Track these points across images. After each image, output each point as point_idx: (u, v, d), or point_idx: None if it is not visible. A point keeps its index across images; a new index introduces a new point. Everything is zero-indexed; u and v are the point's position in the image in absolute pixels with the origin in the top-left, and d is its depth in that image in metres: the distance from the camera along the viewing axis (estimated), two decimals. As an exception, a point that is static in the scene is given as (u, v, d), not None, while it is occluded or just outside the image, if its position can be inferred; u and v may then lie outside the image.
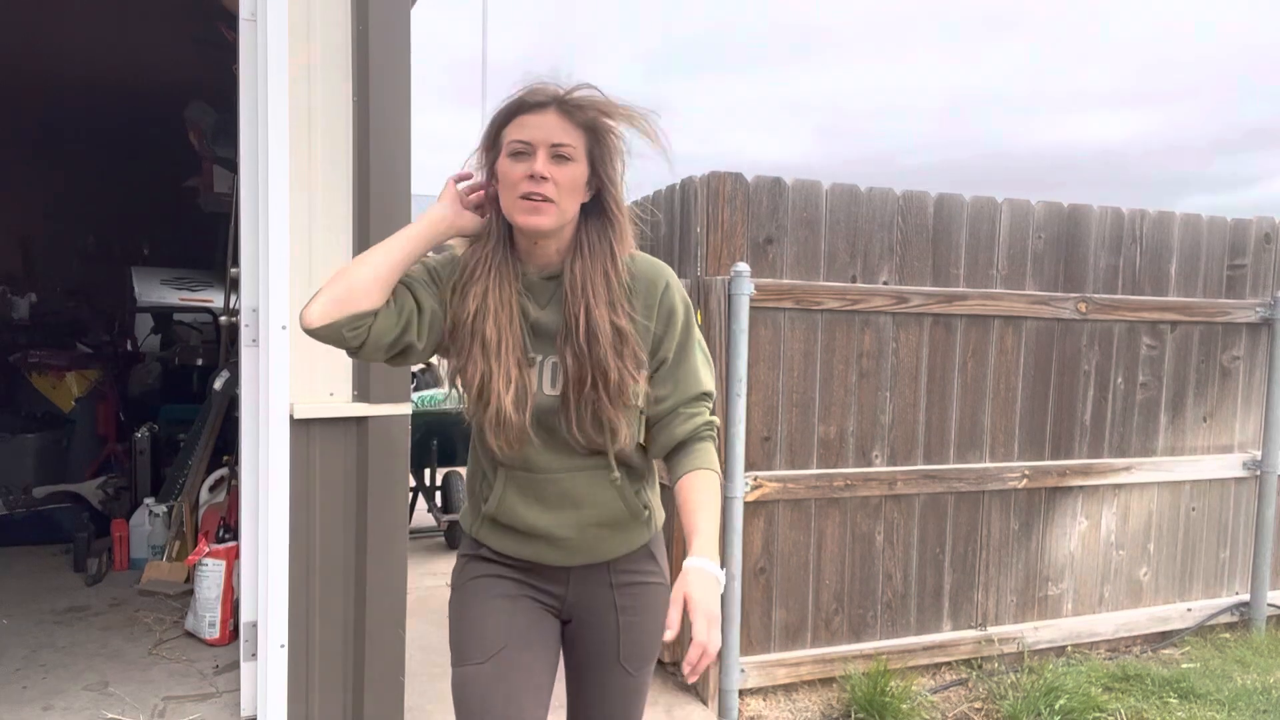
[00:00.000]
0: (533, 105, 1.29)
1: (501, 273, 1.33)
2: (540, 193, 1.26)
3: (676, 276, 1.42)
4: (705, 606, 1.17)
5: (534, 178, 1.25)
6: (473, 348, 1.31)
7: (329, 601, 2.44)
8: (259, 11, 2.32)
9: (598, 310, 1.30)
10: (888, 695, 2.87)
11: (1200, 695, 3.02)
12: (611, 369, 1.29)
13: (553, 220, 1.28)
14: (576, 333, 1.30)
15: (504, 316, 1.31)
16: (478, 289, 1.32)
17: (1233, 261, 3.66)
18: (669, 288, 1.39)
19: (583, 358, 1.30)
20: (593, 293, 1.31)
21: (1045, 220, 3.34)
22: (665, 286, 1.38)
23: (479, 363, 1.30)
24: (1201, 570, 3.73)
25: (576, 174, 1.29)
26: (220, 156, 4.21)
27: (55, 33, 4.49)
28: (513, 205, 1.29)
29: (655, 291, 1.37)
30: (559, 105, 1.28)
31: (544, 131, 1.27)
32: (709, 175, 2.89)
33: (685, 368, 1.40)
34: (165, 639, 3.24)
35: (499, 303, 1.31)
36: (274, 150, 2.28)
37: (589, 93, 1.30)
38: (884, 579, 3.20)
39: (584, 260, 1.33)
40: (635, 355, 1.32)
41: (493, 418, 1.30)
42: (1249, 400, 3.74)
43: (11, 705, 2.68)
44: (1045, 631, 3.41)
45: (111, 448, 5.09)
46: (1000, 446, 3.33)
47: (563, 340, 1.32)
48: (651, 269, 1.40)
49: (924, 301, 3.13)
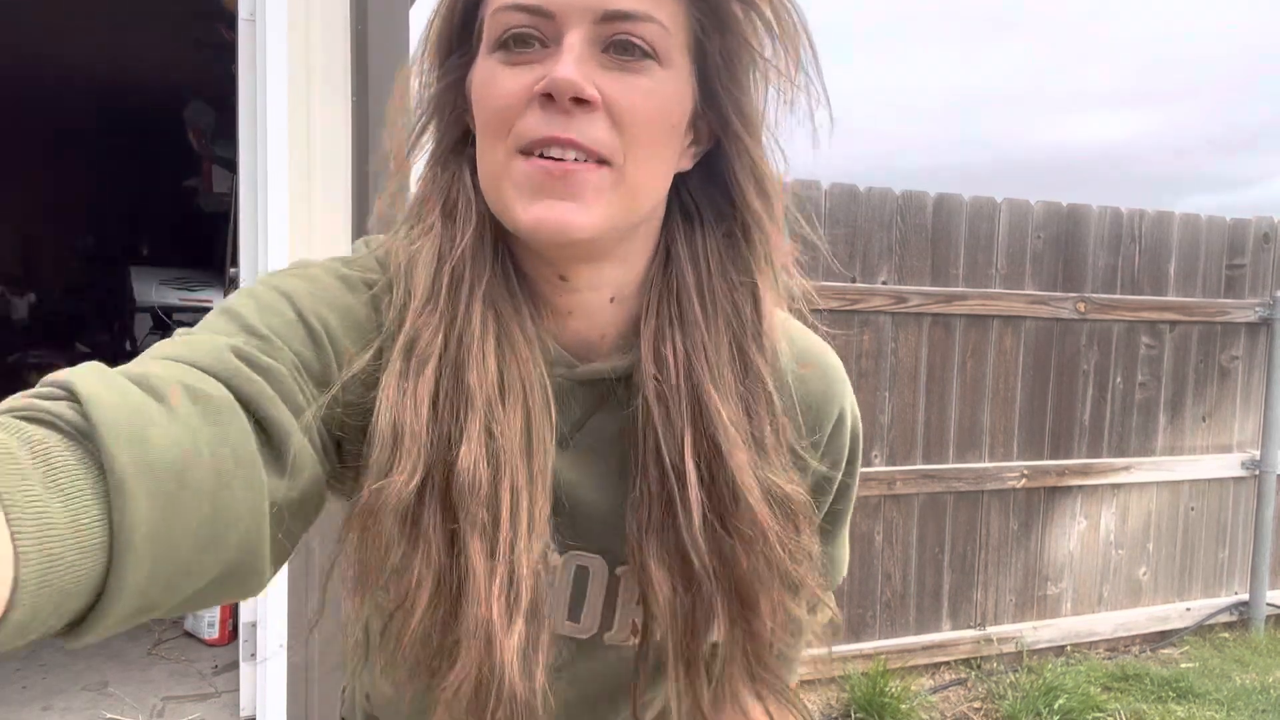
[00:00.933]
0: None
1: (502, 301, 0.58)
2: (571, 139, 0.52)
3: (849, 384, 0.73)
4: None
5: (555, 99, 0.52)
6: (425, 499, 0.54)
7: (328, 599, 2.43)
8: (258, 12, 2.32)
9: (741, 458, 0.57)
10: (887, 695, 2.87)
11: (1199, 695, 3.02)
12: (765, 597, 0.59)
13: (606, 212, 0.54)
14: (684, 506, 0.57)
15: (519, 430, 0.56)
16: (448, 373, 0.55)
17: (1231, 261, 3.66)
18: (844, 417, 0.69)
19: (703, 574, 0.57)
20: (720, 410, 0.57)
21: (1044, 220, 3.34)
22: (840, 411, 0.69)
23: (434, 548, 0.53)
24: (1200, 570, 3.73)
25: (668, 92, 0.55)
26: (219, 156, 4.21)
27: (55, 33, 4.49)
28: (504, 176, 0.55)
29: (825, 418, 0.67)
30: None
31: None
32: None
33: (834, 556, 0.78)
34: (164, 639, 3.24)
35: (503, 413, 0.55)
36: (273, 150, 2.28)
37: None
38: (883, 579, 3.20)
39: (689, 327, 0.59)
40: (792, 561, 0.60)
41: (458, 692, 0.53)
42: (1248, 400, 3.74)
43: (11, 705, 2.68)
44: (1044, 631, 3.41)
45: (111, 448, 5.08)
46: (999, 446, 3.33)
47: (643, 528, 0.58)
48: (812, 362, 0.68)
49: (923, 301, 3.13)
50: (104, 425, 0.39)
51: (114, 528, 0.39)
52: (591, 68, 0.52)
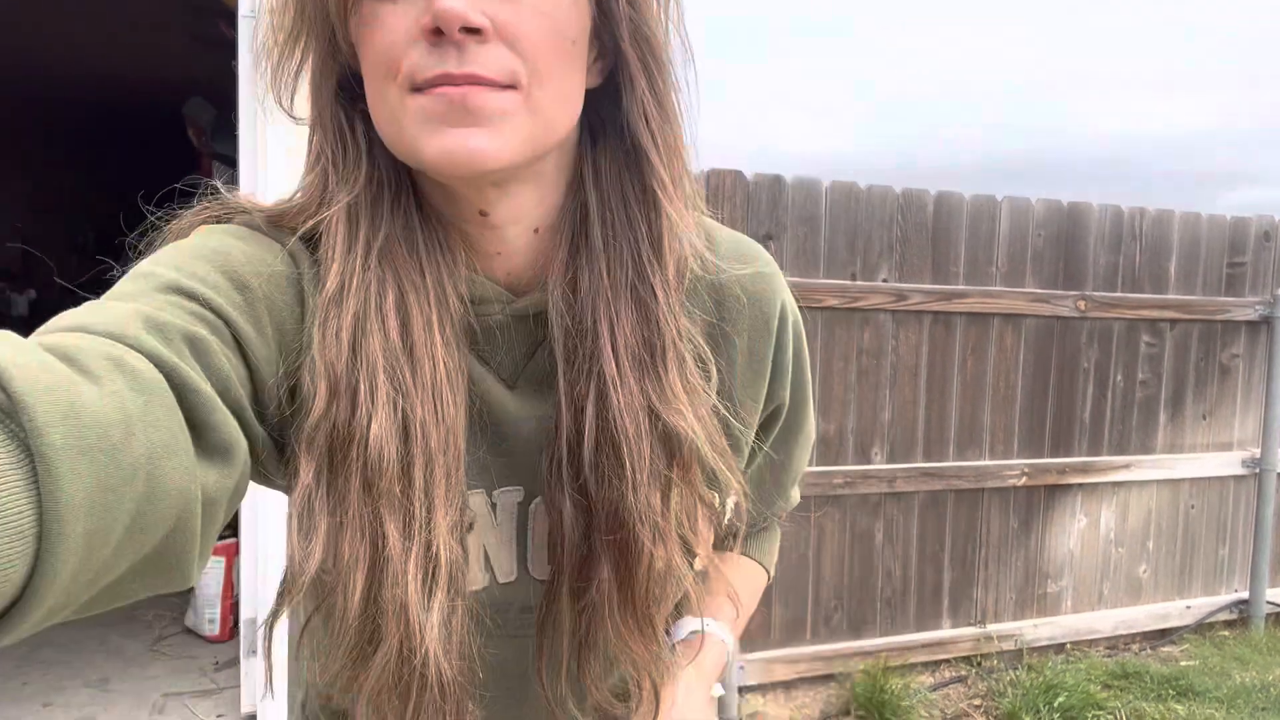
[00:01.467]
0: None
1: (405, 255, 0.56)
2: (471, 74, 0.49)
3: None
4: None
5: (444, 31, 0.48)
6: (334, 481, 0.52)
7: (329, 598, 2.44)
8: (259, 8, 2.32)
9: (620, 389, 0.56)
10: (887, 692, 2.87)
11: (1199, 693, 3.03)
12: (641, 534, 0.56)
13: (516, 136, 0.51)
14: (580, 453, 0.56)
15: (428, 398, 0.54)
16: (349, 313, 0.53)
17: (1232, 259, 3.66)
18: (785, 309, 0.68)
19: (594, 515, 0.57)
20: (611, 340, 0.56)
21: (1045, 218, 3.34)
22: (781, 308, 0.67)
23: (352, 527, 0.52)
24: (1200, 568, 3.73)
25: (560, 9, 0.52)
26: (220, 153, 4.20)
27: (54, 29, 4.48)
28: (401, 114, 0.51)
29: (767, 322, 0.66)
30: None
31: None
32: (709, 172, 2.89)
33: (787, 457, 0.76)
34: (165, 635, 3.24)
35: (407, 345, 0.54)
36: (273, 147, 2.28)
37: None
38: (883, 576, 3.20)
39: (593, 258, 0.58)
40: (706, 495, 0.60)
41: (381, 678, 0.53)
42: (1248, 398, 3.74)
43: (12, 702, 2.69)
44: (1044, 629, 3.41)
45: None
46: (1000, 444, 3.33)
47: (553, 461, 0.58)
48: (747, 261, 0.66)
49: (924, 299, 3.12)
50: (29, 399, 0.35)
51: (44, 516, 0.34)
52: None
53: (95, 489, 0.36)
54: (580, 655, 0.58)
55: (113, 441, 0.37)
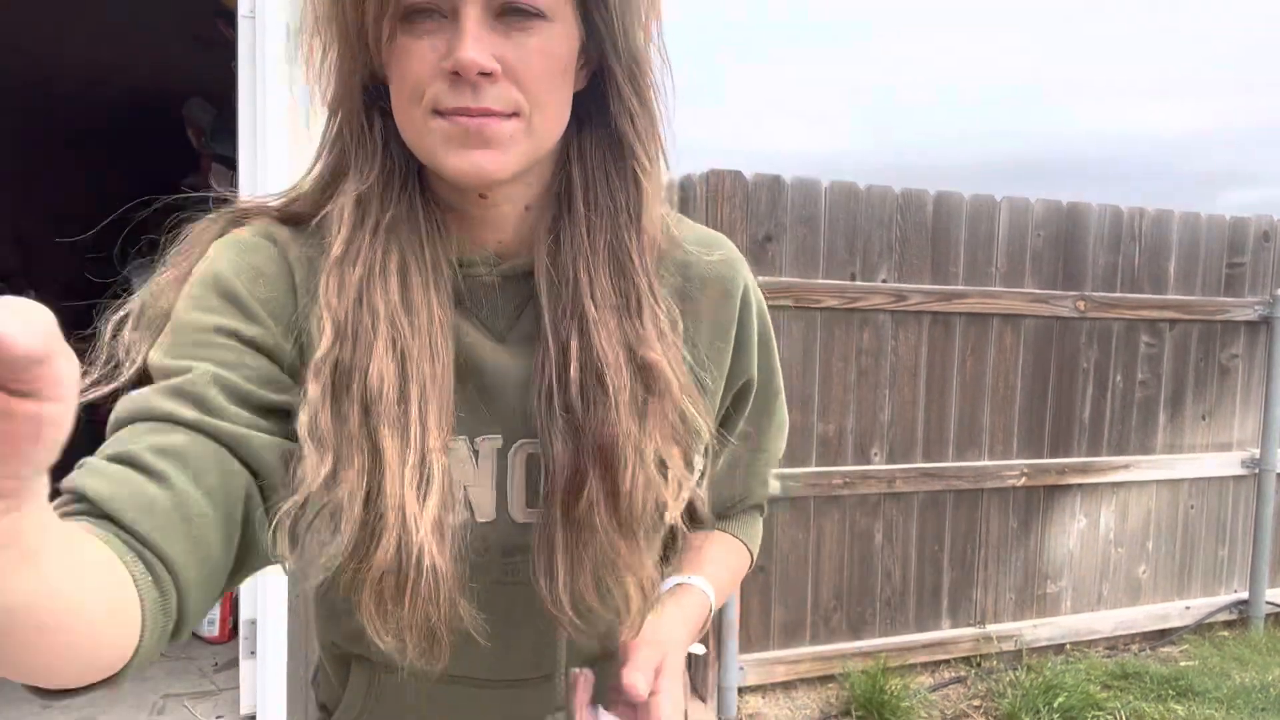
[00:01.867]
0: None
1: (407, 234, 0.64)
2: (485, 109, 0.59)
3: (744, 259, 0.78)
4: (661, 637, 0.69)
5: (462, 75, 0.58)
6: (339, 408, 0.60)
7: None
8: (258, 8, 2.32)
9: (601, 328, 0.63)
10: (887, 693, 2.87)
11: (1199, 693, 3.03)
12: (625, 453, 0.62)
13: (519, 154, 0.61)
14: (566, 383, 0.63)
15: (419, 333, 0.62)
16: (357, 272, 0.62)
17: (1231, 260, 3.66)
18: (748, 290, 0.75)
19: (582, 436, 0.63)
20: (590, 289, 0.64)
21: (1044, 218, 3.34)
22: (744, 288, 0.75)
23: (354, 444, 0.59)
24: (1200, 568, 3.73)
25: (557, 44, 0.61)
26: (219, 154, 4.21)
27: (53, 29, 4.48)
28: (426, 133, 0.60)
29: (730, 296, 0.73)
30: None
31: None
32: (708, 173, 2.89)
33: (762, 438, 0.83)
34: (164, 637, 3.24)
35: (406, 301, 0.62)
36: (272, 148, 2.28)
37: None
38: (883, 577, 3.20)
39: (576, 222, 0.66)
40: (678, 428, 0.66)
41: (383, 574, 0.57)
42: (1248, 398, 3.74)
43: (10, 703, 2.68)
44: (1044, 629, 3.41)
45: (110, 446, 5.08)
46: (999, 445, 3.33)
47: (545, 398, 0.64)
48: (713, 248, 0.74)
49: (923, 300, 3.13)
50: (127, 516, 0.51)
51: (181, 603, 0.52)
52: (488, 36, 0.58)
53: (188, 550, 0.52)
54: (573, 568, 0.63)
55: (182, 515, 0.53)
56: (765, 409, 0.81)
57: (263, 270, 0.64)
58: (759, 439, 0.82)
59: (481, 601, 0.63)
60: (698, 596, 0.76)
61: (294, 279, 0.65)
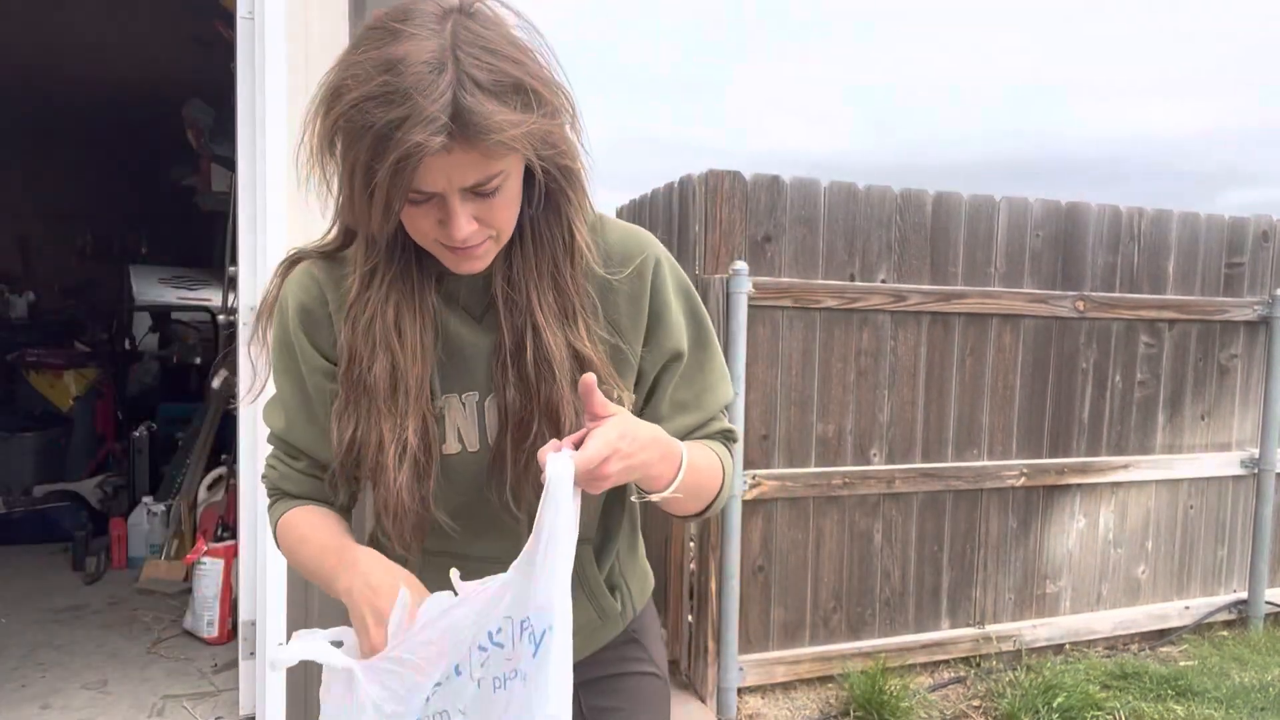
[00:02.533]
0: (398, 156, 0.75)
1: (402, 286, 0.91)
2: (469, 247, 0.85)
3: (666, 250, 1.02)
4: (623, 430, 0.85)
5: (456, 239, 0.84)
6: (354, 399, 0.91)
7: (327, 600, 2.43)
8: (257, 9, 2.32)
9: (548, 331, 0.91)
10: (886, 693, 2.87)
11: (1198, 693, 3.03)
12: (565, 414, 0.91)
13: (494, 253, 0.90)
14: (522, 357, 0.91)
15: (405, 352, 0.90)
16: (368, 314, 0.91)
17: (1230, 260, 3.66)
18: (660, 270, 0.99)
19: (532, 394, 0.91)
20: (538, 303, 0.91)
21: (1043, 218, 3.34)
22: (655, 269, 0.98)
23: (364, 422, 0.91)
24: (1199, 568, 3.73)
25: (512, 190, 0.85)
26: (218, 155, 4.20)
27: (53, 30, 4.48)
28: (428, 246, 0.88)
29: (641, 280, 0.97)
30: (449, 142, 0.76)
31: (448, 176, 0.79)
32: (707, 173, 2.89)
33: (703, 382, 1.03)
34: (164, 637, 3.24)
35: (398, 331, 0.90)
36: (271, 148, 2.28)
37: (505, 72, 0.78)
38: (882, 577, 3.20)
39: (524, 255, 0.92)
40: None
41: (382, 502, 0.91)
42: (1247, 398, 3.74)
43: (10, 704, 2.68)
44: (1043, 630, 3.41)
45: (110, 446, 5.08)
46: (998, 445, 3.33)
47: (501, 369, 0.93)
48: (630, 245, 0.98)
49: (922, 300, 3.13)
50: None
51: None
52: (469, 209, 0.83)
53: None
54: (518, 479, 0.93)
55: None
56: (699, 362, 1.03)
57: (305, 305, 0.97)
58: (700, 382, 1.03)
59: (468, 505, 0.97)
60: (674, 443, 0.94)
61: (329, 308, 0.97)
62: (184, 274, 5.76)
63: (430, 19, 0.78)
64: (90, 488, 4.64)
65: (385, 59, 0.76)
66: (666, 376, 1.01)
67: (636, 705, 1.09)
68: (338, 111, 0.78)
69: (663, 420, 0.99)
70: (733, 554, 2.86)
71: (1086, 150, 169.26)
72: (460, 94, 0.75)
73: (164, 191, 5.44)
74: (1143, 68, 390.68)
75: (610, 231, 0.99)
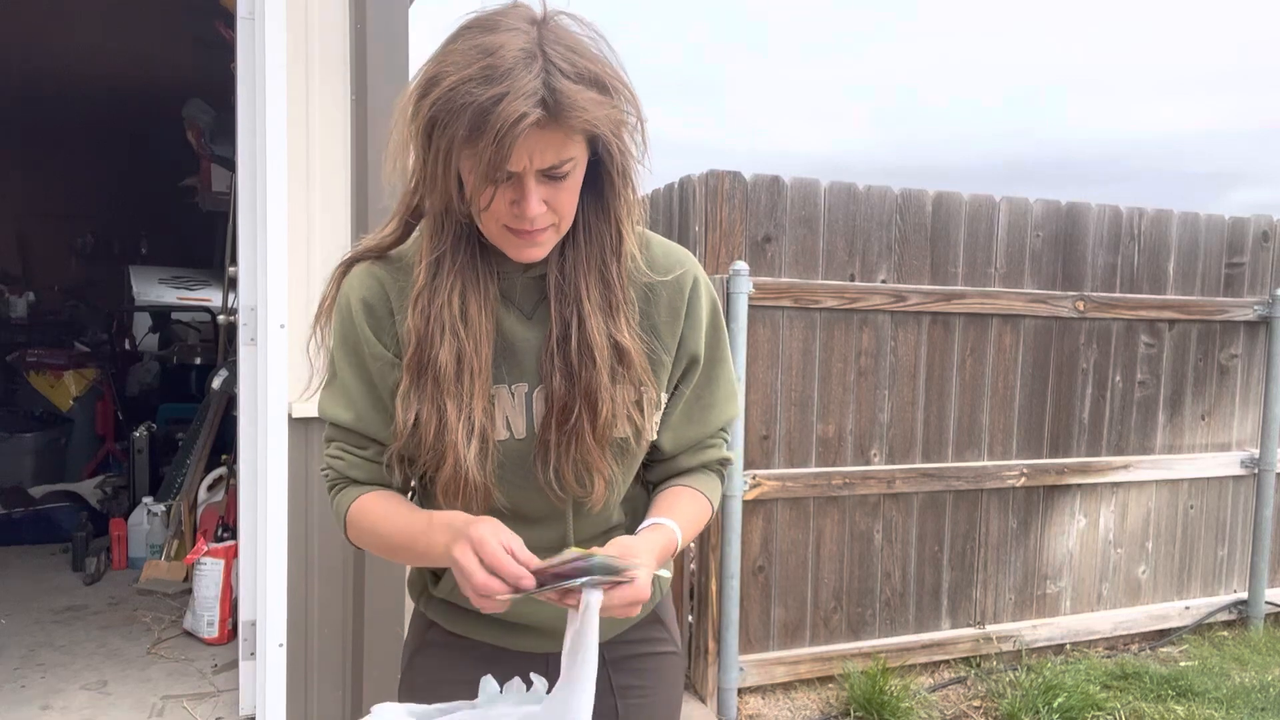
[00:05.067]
0: (499, 127, 0.83)
1: (468, 274, 0.98)
2: (534, 230, 0.92)
3: (703, 270, 1.11)
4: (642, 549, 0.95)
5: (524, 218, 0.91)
6: (420, 382, 0.97)
7: (328, 600, 2.44)
8: (257, 10, 2.32)
9: (593, 320, 0.98)
10: (886, 693, 2.87)
11: (1198, 693, 3.03)
12: (603, 400, 0.97)
13: (553, 243, 0.97)
14: (567, 346, 0.98)
15: (470, 336, 0.97)
16: (436, 301, 0.97)
17: (1230, 260, 3.66)
18: (698, 286, 1.08)
19: (574, 380, 0.98)
20: (586, 294, 0.98)
21: (1043, 218, 3.34)
22: (694, 284, 1.07)
23: (429, 403, 0.96)
24: (1199, 568, 3.73)
25: (577, 178, 0.93)
26: (218, 155, 4.20)
27: (53, 31, 4.48)
28: (494, 233, 0.95)
29: (680, 292, 1.06)
30: (544, 116, 0.85)
31: (528, 155, 0.86)
32: (707, 174, 2.89)
33: (711, 398, 1.11)
34: (164, 638, 3.24)
35: (464, 316, 0.97)
36: (272, 149, 2.28)
37: (586, 67, 0.87)
38: (882, 577, 3.20)
39: (576, 249, 0.99)
40: (637, 384, 1.01)
41: (448, 480, 0.97)
42: (1247, 398, 3.74)
43: (10, 705, 2.68)
44: (1043, 630, 3.41)
45: (110, 447, 5.09)
46: (998, 445, 3.33)
47: (549, 358, 0.99)
48: (672, 259, 1.07)
49: (922, 300, 3.13)
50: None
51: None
52: (540, 189, 0.90)
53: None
54: (560, 461, 1.00)
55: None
56: (713, 378, 1.11)
57: (366, 300, 1.03)
58: (708, 396, 1.11)
59: (517, 488, 1.02)
60: (666, 533, 1.01)
61: (391, 305, 1.02)
62: (184, 274, 5.77)
63: (519, 21, 0.88)
64: (90, 488, 4.64)
65: (483, 46, 0.85)
66: (683, 384, 1.09)
67: (660, 683, 1.17)
68: (435, 95, 0.86)
69: (669, 429, 1.09)
70: (733, 554, 2.86)
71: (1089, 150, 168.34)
72: (550, 78, 0.85)
73: (164, 191, 5.44)
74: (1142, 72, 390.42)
75: (655, 245, 1.08)
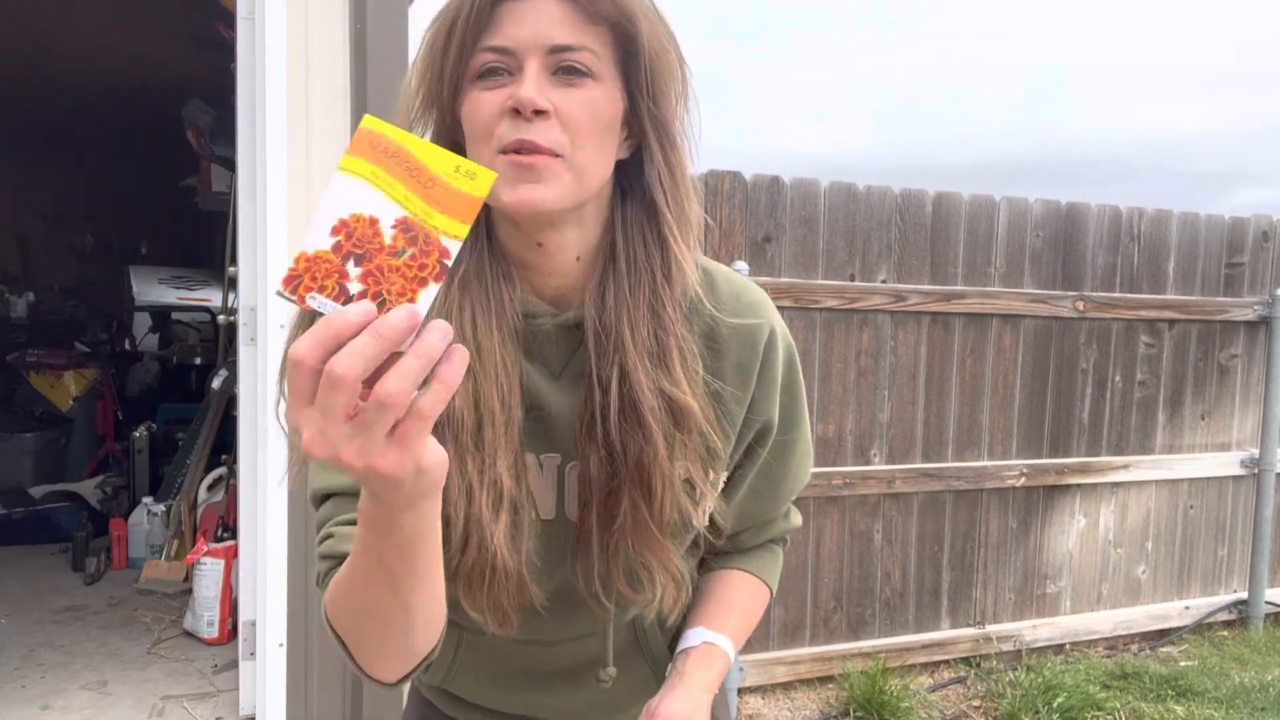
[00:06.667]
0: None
1: (476, 284, 0.76)
2: (534, 141, 0.69)
3: (779, 316, 0.88)
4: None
5: (520, 111, 0.69)
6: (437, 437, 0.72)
7: (327, 600, 2.44)
8: (257, 10, 2.32)
9: (639, 372, 0.75)
10: (886, 694, 2.87)
11: (1198, 693, 3.03)
12: (657, 477, 0.75)
13: (562, 189, 0.71)
14: (606, 412, 0.75)
15: (487, 369, 0.75)
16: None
17: (1230, 260, 3.66)
18: (774, 341, 0.84)
19: (616, 455, 0.76)
20: (631, 340, 0.75)
21: (1043, 218, 3.34)
22: (769, 335, 0.84)
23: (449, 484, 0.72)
24: (1199, 568, 3.73)
25: (600, 101, 0.72)
26: (218, 155, 4.20)
27: (53, 31, 4.48)
28: (488, 163, 0.71)
29: (753, 347, 0.83)
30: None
31: (534, 26, 0.70)
32: (707, 174, 2.89)
33: (784, 467, 0.90)
34: (164, 638, 3.24)
35: (476, 345, 0.74)
36: (272, 149, 2.28)
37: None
38: (882, 577, 3.20)
39: (619, 280, 0.77)
40: (702, 454, 0.79)
41: (471, 567, 0.74)
42: (1247, 398, 3.74)
43: (10, 705, 2.68)
44: (1043, 630, 3.41)
45: (110, 447, 5.08)
46: (998, 445, 3.33)
47: (585, 427, 0.77)
48: (743, 301, 0.84)
49: (922, 300, 3.13)
50: None
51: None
52: (546, 87, 0.70)
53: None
54: (607, 562, 0.78)
55: None
56: (789, 444, 0.90)
57: None
58: (782, 469, 0.91)
59: (547, 582, 0.79)
60: (720, 660, 0.87)
61: None
62: (184, 274, 5.77)
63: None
64: (90, 488, 4.64)
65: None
66: (748, 459, 0.88)
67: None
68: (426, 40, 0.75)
69: (734, 505, 0.89)
70: (733, 554, 2.86)
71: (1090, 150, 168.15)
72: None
73: (164, 191, 5.44)
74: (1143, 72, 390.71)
75: (721, 280, 0.84)
